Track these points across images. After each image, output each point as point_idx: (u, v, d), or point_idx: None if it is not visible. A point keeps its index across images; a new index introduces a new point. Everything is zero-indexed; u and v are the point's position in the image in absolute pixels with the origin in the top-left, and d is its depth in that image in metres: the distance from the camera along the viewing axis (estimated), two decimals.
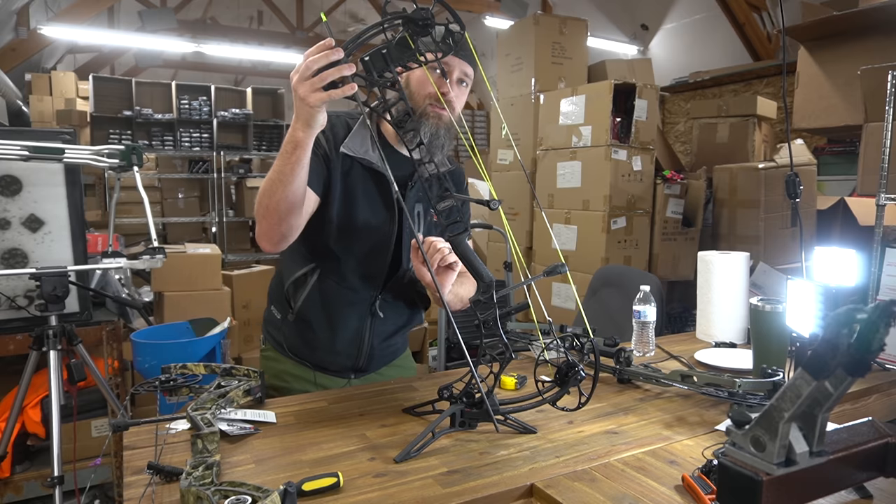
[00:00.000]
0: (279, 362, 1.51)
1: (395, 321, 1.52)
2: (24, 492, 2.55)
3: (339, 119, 1.41)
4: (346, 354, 1.47)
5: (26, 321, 2.14)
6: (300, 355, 1.49)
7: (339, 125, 1.40)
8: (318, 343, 1.46)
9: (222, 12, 9.64)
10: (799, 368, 0.69)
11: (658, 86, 3.66)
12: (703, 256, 1.88)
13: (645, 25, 7.09)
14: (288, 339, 1.49)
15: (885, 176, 2.20)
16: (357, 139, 1.38)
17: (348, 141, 1.37)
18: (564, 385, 1.18)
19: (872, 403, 1.41)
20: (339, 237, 1.39)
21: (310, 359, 1.49)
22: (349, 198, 1.37)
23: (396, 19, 1.03)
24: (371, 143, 1.38)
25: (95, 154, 1.97)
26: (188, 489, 0.88)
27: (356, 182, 1.38)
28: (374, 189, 1.39)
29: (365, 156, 1.37)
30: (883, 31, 3.02)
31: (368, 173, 1.39)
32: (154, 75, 8.67)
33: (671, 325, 3.42)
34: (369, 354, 1.49)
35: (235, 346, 3.54)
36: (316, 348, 1.47)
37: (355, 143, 1.37)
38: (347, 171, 1.37)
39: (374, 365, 1.54)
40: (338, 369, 1.50)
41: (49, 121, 6.30)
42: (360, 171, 1.38)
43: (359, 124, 1.40)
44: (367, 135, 1.39)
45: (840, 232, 3.28)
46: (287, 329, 1.48)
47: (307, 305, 1.43)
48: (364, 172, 1.38)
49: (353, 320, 1.45)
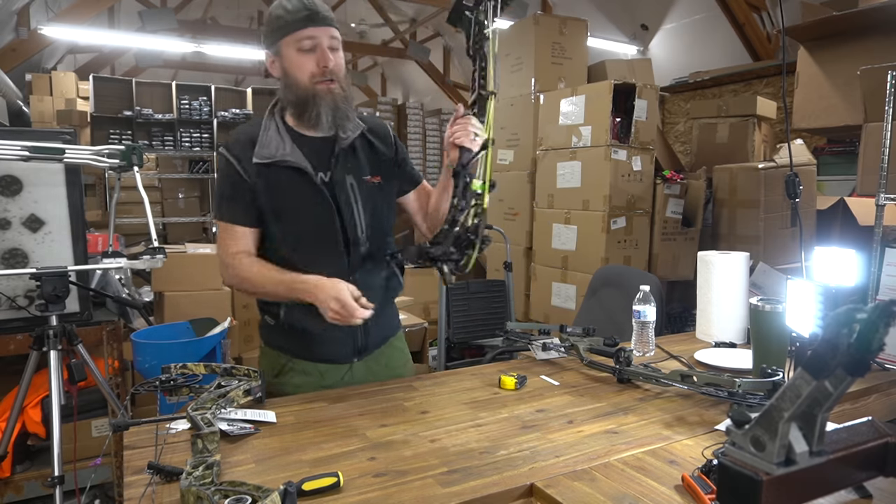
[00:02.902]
0: (279, 357, 1.52)
1: (376, 292, 1.47)
2: (24, 492, 2.55)
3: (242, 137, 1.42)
4: (342, 342, 1.49)
5: (27, 321, 2.14)
6: (301, 355, 1.50)
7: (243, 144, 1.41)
8: (314, 340, 1.47)
9: (222, 12, 9.63)
10: (799, 368, 0.69)
11: (658, 86, 3.66)
12: (703, 256, 1.88)
13: (645, 25, 7.09)
14: (286, 342, 1.51)
15: (884, 176, 2.19)
16: (266, 145, 1.40)
17: (258, 150, 1.39)
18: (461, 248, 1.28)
19: (872, 403, 1.41)
20: (290, 244, 1.42)
21: (310, 356, 1.50)
22: (282, 206, 1.40)
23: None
24: (280, 139, 1.40)
25: (96, 154, 1.97)
26: (188, 489, 0.88)
27: (282, 186, 1.39)
28: (300, 182, 1.40)
29: (279, 156, 1.39)
30: (883, 31, 3.02)
31: (290, 170, 1.40)
32: (154, 75, 8.67)
33: (671, 325, 3.42)
34: (365, 332, 1.49)
35: (235, 346, 3.53)
36: (313, 345, 1.48)
37: (267, 149, 1.39)
38: (268, 179, 1.39)
39: (373, 341, 1.54)
40: (339, 357, 1.51)
41: (49, 121, 6.30)
42: (280, 172, 1.39)
43: (262, 130, 1.42)
44: (273, 135, 1.41)
45: (840, 232, 3.28)
46: (282, 334, 1.49)
47: (291, 311, 1.44)
48: (285, 171, 1.40)
49: None
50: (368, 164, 1.49)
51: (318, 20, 1.36)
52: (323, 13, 1.37)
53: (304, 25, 1.35)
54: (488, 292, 3.34)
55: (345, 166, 1.44)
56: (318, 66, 1.37)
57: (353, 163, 1.46)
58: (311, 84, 1.37)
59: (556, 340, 1.67)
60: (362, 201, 1.45)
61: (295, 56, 1.37)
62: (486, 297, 3.30)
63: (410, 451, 1.09)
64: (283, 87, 1.42)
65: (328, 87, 1.38)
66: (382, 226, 1.51)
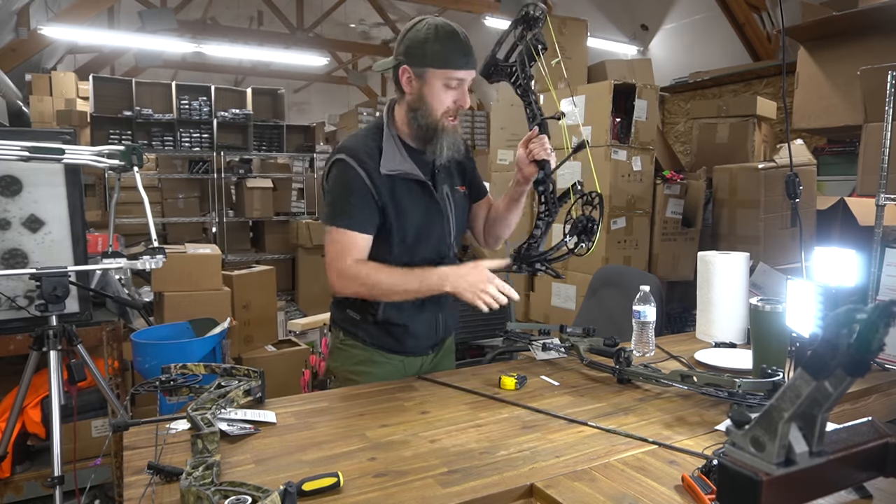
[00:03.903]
0: (364, 350, 1.59)
1: None
2: (24, 492, 2.55)
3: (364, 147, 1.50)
4: (426, 336, 1.62)
5: (26, 321, 2.14)
6: (388, 348, 1.59)
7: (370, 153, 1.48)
8: (403, 335, 1.57)
9: (222, 12, 9.63)
10: (799, 368, 0.69)
11: (658, 86, 3.65)
12: (703, 256, 1.88)
13: (645, 26, 7.09)
14: (372, 336, 1.58)
15: (884, 176, 2.19)
16: (390, 158, 1.49)
17: (385, 162, 1.48)
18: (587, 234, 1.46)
19: (872, 403, 1.42)
20: (403, 247, 1.52)
21: (396, 349, 1.59)
22: (402, 211, 1.50)
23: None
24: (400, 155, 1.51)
25: (95, 154, 1.97)
26: (188, 489, 0.88)
27: (402, 193, 1.50)
28: (415, 189, 1.52)
29: (402, 168, 1.49)
30: (883, 31, 3.02)
31: (411, 181, 1.51)
32: (154, 75, 8.66)
33: (671, 325, 3.41)
34: (445, 327, 1.66)
35: (235, 346, 3.53)
36: (404, 339, 1.58)
37: (392, 162, 1.49)
38: (392, 187, 1.48)
39: (446, 336, 1.70)
40: (420, 350, 1.63)
41: (49, 121, 6.29)
42: (403, 183, 1.50)
43: (385, 142, 1.51)
44: (394, 147, 1.51)
45: (840, 232, 3.28)
46: (371, 328, 1.57)
47: (388, 309, 1.52)
48: (407, 182, 1.51)
49: (428, 306, 1.56)
50: (458, 174, 1.63)
51: (470, 65, 1.45)
52: (474, 57, 1.46)
53: (460, 67, 1.44)
54: None
55: (443, 177, 1.57)
56: (454, 105, 1.47)
57: (447, 173, 1.58)
58: (443, 118, 1.47)
59: (556, 341, 1.67)
60: (454, 209, 1.60)
61: (439, 90, 1.45)
62: None
63: (410, 451, 1.09)
64: (411, 107, 1.49)
65: (453, 123, 1.50)
66: (462, 231, 1.66)
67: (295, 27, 8.61)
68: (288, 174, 7.40)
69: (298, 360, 3.53)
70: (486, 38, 8.48)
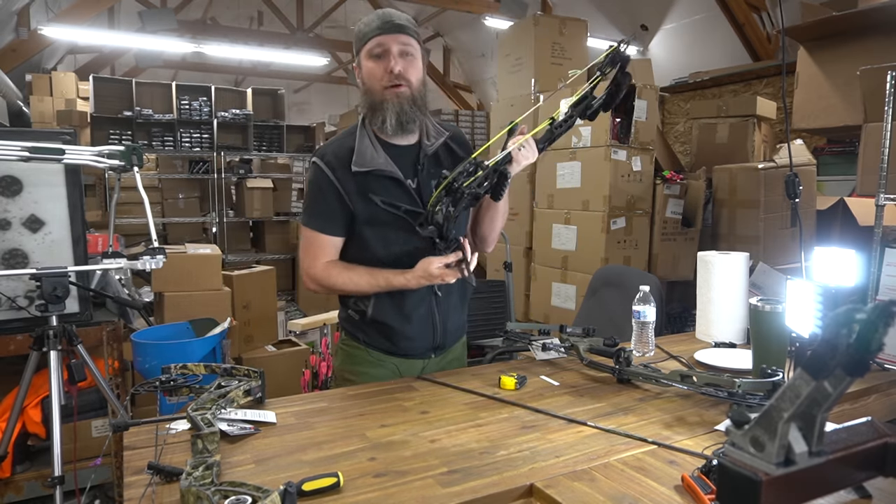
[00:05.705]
0: (361, 350, 1.60)
1: (452, 293, 1.60)
2: (24, 492, 2.55)
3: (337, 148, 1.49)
4: (421, 338, 1.58)
5: (27, 321, 2.14)
6: (382, 348, 1.58)
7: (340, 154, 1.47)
8: (397, 335, 1.56)
9: (222, 12, 9.63)
10: (798, 368, 0.69)
11: (658, 86, 3.66)
12: (702, 256, 1.88)
13: (645, 26, 7.08)
14: (369, 337, 1.58)
15: (884, 176, 2.20)
16: (361, 155, 1.46)
17: (356, 159, 1.46)
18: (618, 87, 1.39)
19: (872, 403, 1.42)
20: (381, 248, 1.49)
21: (392, 350, 1.58)
22: (374, 213, 1.46)
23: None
24: (373, 149, 1.48)
25: (96, 155, 1.97)
26: (188, 489, 0.88)
27: (375, 192, 1.46)
28: (391, 187, 1.47)
29: (374, 165, 1.46)
30: (883, 31, 3.02)
31: (384, 178, 1.47)
32: (154, 76, 8.66)
33: (671, 325, 3.42)
34: (444, 331, 1.60)
35: (235, 346, 3.53)
36: (396, 340, 1.56)
37: (363, 158, 1.46)
38: (363, 185, 1.46)
39: (450, 340, 1.65)
40: (417, 352, 1.60)
41: (49, 121, 6.29)
42: (374, 178, 1.46)
43: (358, 140, 1.49)
44: (367, 144, 1.48)
45: (840, 232, 3.28)
46: (367, 328, 1.58)
47: (378, 308, 1.53)
48: (379, 179, 1.47)
49: (422, 307, 1.55)
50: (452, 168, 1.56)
51: (387, 28, 1.43)
52: (396, 22, 1.44)
53: (376, 34, 1.42)
54: (488, 292, 3.34)
55: (429, 172, 1.51)
56: (385, 73, 1.43)
57: (437, 169, 1.52)
58: (382, 90, 1.44)
59: (555, 341, 1.67)
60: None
61: (367, 63, 1.45)
62: (485, 298, 3.30)
63: (410, 451, 1.09)
64: (363, 96, 1.49)
65: (395, 91, 1.43)
66: (460, 230, 1.59)
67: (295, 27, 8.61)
68: (288, 174, 7.41)
69: (298, 361, 3.53)
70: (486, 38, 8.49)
